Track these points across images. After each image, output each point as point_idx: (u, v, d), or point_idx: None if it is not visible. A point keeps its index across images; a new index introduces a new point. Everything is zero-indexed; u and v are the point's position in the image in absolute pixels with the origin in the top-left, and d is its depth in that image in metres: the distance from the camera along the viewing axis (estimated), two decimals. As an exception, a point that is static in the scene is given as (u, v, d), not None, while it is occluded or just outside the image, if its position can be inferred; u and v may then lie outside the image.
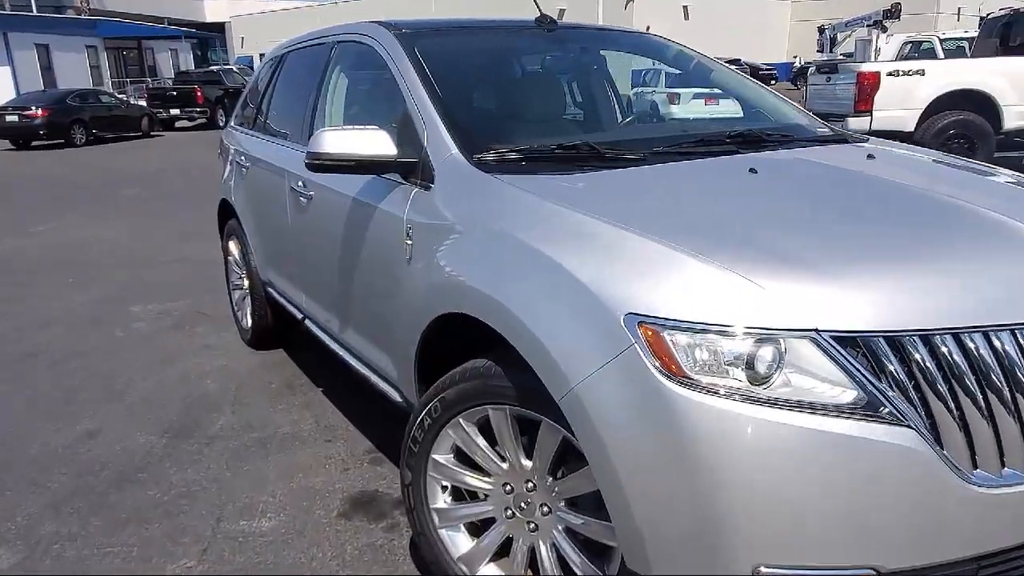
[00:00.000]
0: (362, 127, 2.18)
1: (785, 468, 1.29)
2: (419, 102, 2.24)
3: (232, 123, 4.42)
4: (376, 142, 2.15)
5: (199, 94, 21.69)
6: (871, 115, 8.87)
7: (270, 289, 3.73)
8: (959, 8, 43.08)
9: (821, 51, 18.71)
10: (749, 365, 1.33)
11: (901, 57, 14.96)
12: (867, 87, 8.78)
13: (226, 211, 4.23)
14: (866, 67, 9.11)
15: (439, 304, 1.93)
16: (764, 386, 1.32)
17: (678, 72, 3.41)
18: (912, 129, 8.87)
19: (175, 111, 21.87)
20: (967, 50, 15.81)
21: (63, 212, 9.05)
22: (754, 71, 28.42)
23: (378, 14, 3.93)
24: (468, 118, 2.35)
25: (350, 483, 2.74)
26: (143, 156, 15.64)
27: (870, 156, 2.25)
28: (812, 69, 10.47)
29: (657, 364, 1.35)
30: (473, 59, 2.75)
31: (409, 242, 2.10)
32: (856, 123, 8.85)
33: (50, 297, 5.38)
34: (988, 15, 10.81)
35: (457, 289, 1.86)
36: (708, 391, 1.32)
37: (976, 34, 11.68)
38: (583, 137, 2.13)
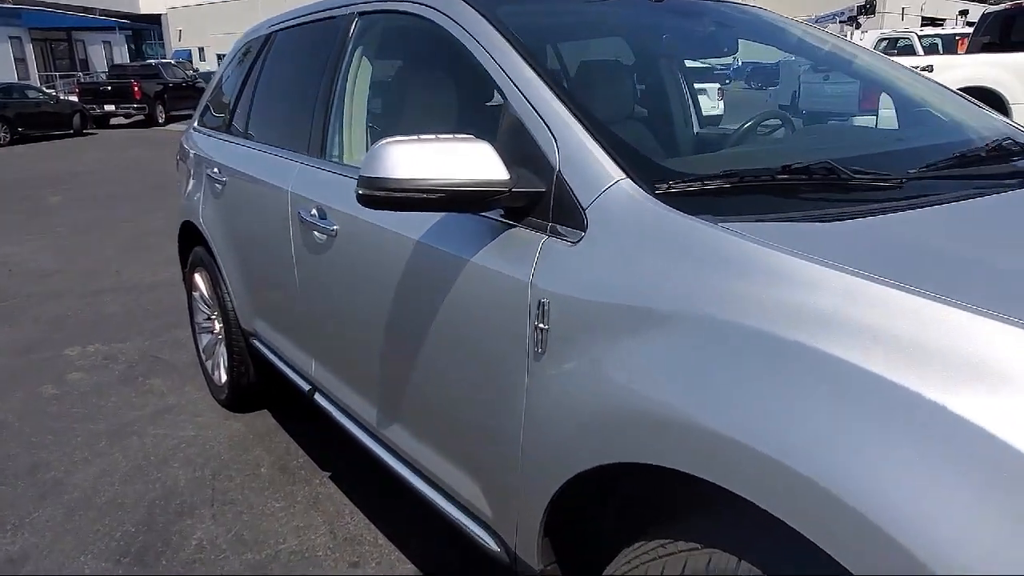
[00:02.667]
0: (451, 137, 1.36)
1: None
2: (538, 101, 1.42)
3: (196, 124, 3.50)
4: (479, 161, 1.33)
5: (136, 89, 20.14)
6: (877, 114, 8.35)
7: (256, 342, 2.85)
8: (903, 8, 44.04)
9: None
10: None
11: (877, 54, 14.64)
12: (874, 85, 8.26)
13: (191, 235, 3.32)
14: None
15: (614, 445, 1.14)
16: None
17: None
18: (919, 128, 8.40)
19: (110, 107, 20.25)
20: (939, 47, 15.66)
21: (-19, 224, 7.87)
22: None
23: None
24: (626, 128, 1.55)
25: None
26: (75, 156, 14.23)
27: None
28: (805, 67, 9.95)
29: None
30: (598, 41, 1.94)
31: (542, 326, 1.29)
32: (861, 123, 8.31)
33: (-39, 338, 4.36)
34: (987, 11, 10.46)
35: (663, 427, 1.06)
36: None
37: (961, 30, 11.42)
38: (809, 156, 1.36)
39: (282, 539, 2.36)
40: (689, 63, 2.94)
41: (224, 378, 3.23)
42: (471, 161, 1.33)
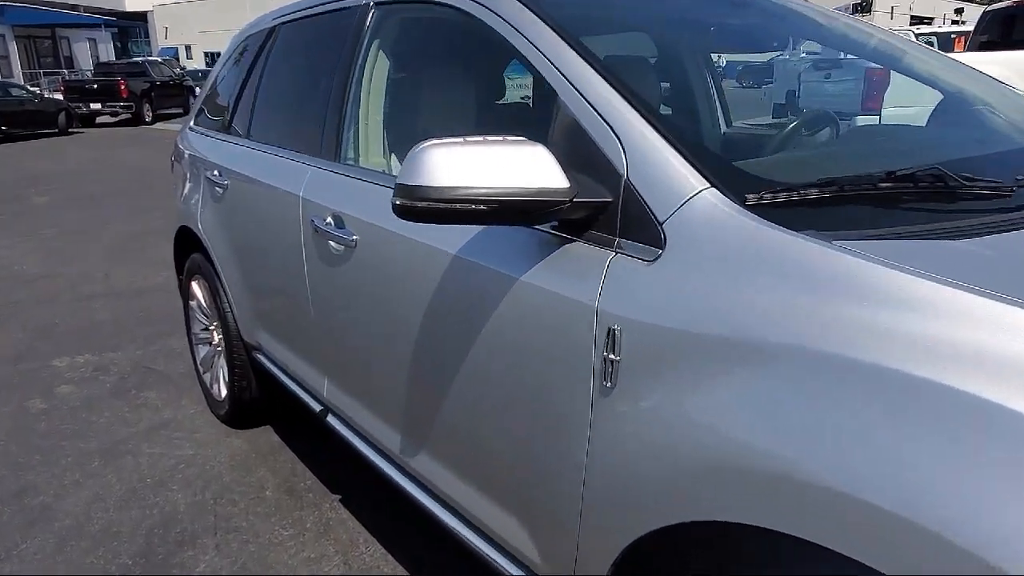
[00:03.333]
0: (501, 139, 1.19)
1: None
2: (597, 99, 1.26)
3: (192, 123, 3.32)
4: (535, 167, 1.16)
5: (123, 87, 19.79)
6: (880, 113, 8.25)
7: (260, 357, 2.67)
8: (892, 7, 44.19)
9: (782, 52, 18.29)
10: None
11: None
12: (876, 84, 8.16)
13: (187, 241, 3.13)
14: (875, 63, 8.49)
15: (703, 500, 0.98)
16: None
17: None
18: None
19: (96, 105, 19.88)
20: (935, 46, 15.61)
21: (-36, 226, 7.62)
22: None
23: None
24: (697, 129, 1.38)
25: None
26: (60, 156, 13.93)
27: None
28: (805, 66, 9.83)
29: None
30: (649, 35, 1.78)
31: (612, 357, 1.12)
32: (864, 122, 8.21)
33: (-57, 348, 4.14)
34: (988, 8, 10.37)
35: (770, 484, 0.90)
36: None
37: (953, 29, 11.35)
38: (915, 160, 1.20)
39: (292, 572, 2.18)
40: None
41: (224, 392, 3.05)
42: (525, 167, 1.16)
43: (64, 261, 6.02)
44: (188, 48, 45.57)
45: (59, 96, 20.38)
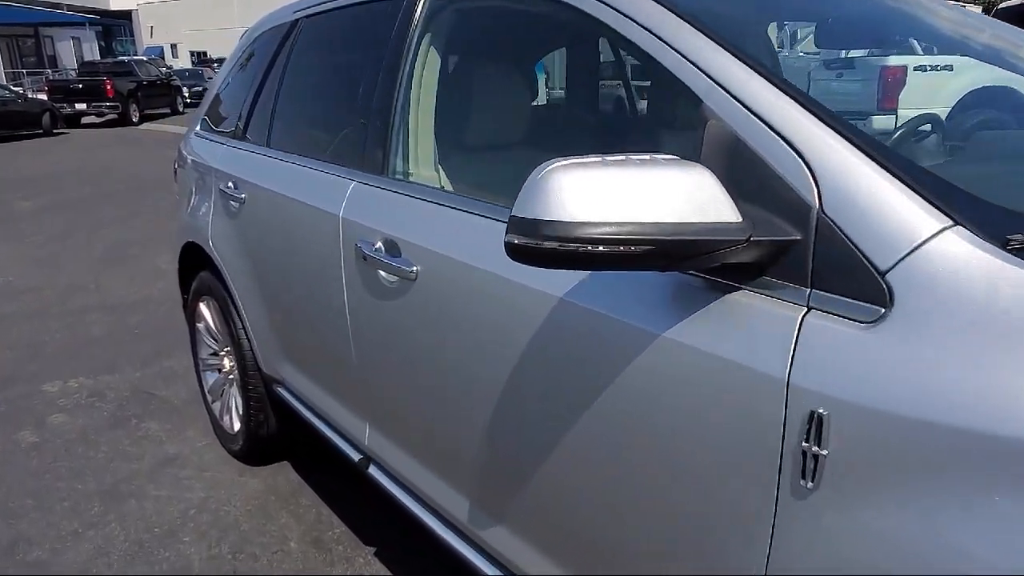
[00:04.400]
0: (647, 159, 0.92)
1: None
2: (768, 109, 0.98)
3: (198, 129, 3.02)
4: (698, 196, 0.89)
5: (109, 87, 19.31)
6: (896, 113, 8.06)
7: (282, 391, 2.39)
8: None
9: (781, 48, 18.18)
10: None
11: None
12: (893, 84, 7.96)
13: (194, 258, 2.84)
14: (892, 62, 8.30)
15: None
16: None
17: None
18: (939, 129, 8.11)
19: (81, 106, 19.38)
20: (936, 46, 15.46)
21: (-55, 233, 7.25)
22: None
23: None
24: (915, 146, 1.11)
25: None
26: (46, 158, 13.50)
27: None
28: (816, 64, 9.64)
29: None
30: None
31: (817, 451, 0.85)
32: (880, 122, 8.04)
33: (-77, 371, 3.82)
34: (998, 6, 10.21)
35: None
36: None
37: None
38: None
39: (329, 646, 1.90)
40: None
41: (237, 426, 2.76)
42: (687, 196, 0.89)
43: (52, 271, 5.69)
44: (174, 47, 45.00)
45: (43, 96, 19.90)
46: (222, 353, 2.87)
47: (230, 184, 2.44)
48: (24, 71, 31.00)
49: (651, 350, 1.03)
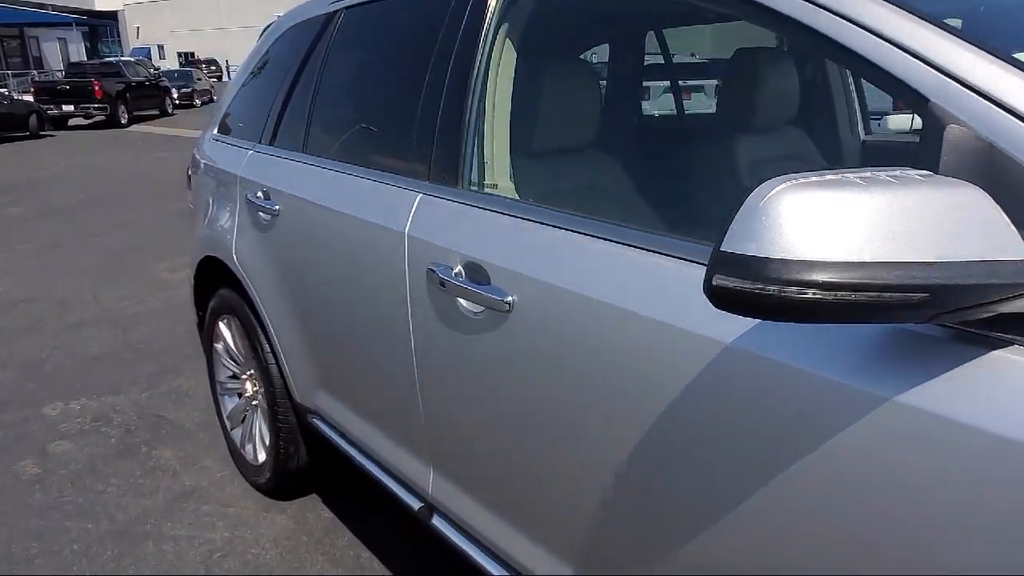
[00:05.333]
0: (899, 175, 0.70)
1: None
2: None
3: (215, 132, 2.78)
4: (980, 225, 0.68)
5: (97, 88, 18.92)
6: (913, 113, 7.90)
7: (319, 423, 2.15)
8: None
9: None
10: None
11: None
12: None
13: (215, 274, 2.60)
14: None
15: None
16: None
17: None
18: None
19: (69, 107, 19.00)
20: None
21: (-69, 240, 6.94)
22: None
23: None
24: None
25: None
26: (33, 161, 13.14)
27: None
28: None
29: None
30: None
31: None
32: (897, 121, 7.89)
33: (-88, 392, 3.55)
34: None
35: None
36: None
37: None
38: None
39: None
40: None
41: (263, 457, 2.52)
42: (962, 225, 0.68)
43: (45, 282, 5.41)
44: (161, 48, 44.57)
45: (29, 98, 19.50)
46: (244, 377, 2.63)
47: (259, 194, 2.20)
48: (9, 72, 30.47)
49: (871, 415, 0.81)
